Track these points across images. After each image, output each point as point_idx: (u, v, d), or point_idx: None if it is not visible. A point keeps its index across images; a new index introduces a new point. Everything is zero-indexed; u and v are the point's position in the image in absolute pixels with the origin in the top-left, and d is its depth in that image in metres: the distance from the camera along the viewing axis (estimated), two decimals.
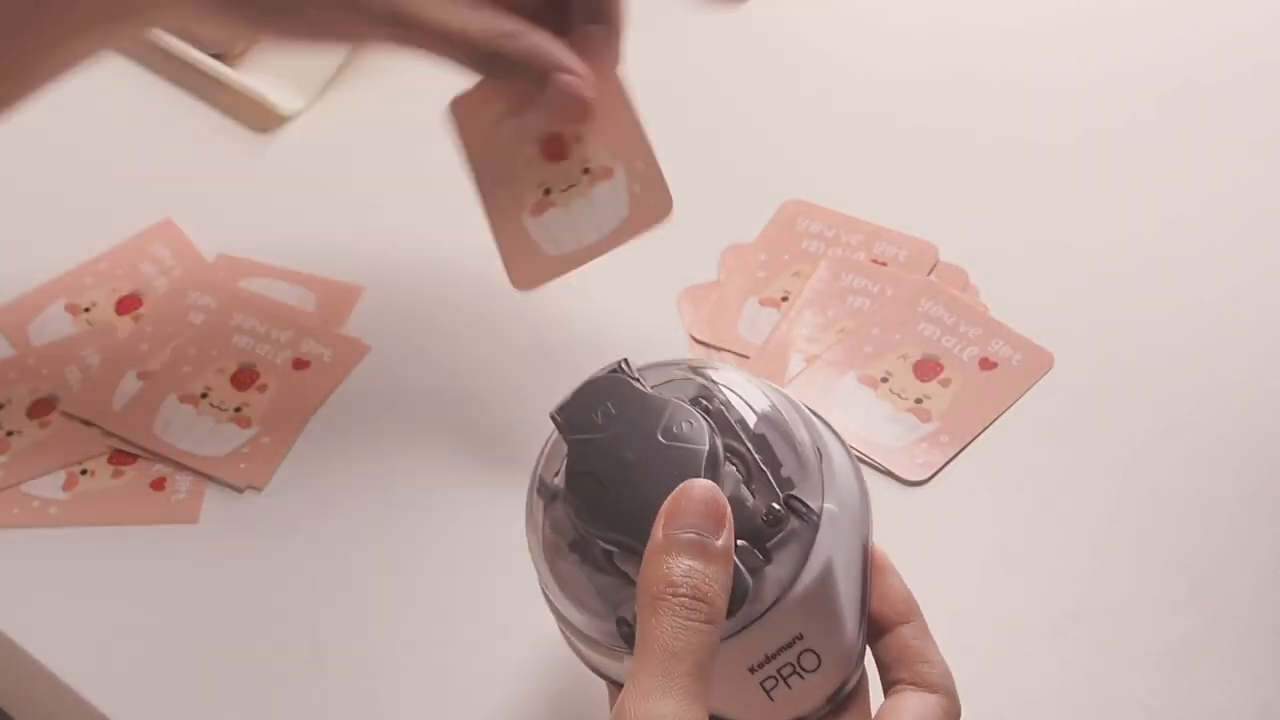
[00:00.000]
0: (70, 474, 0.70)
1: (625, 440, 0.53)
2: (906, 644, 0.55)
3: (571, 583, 0.54)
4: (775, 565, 0.52)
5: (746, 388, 0.55)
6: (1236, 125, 0.83)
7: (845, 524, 0.54)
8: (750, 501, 0.53)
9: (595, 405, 0.54)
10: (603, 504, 0.52)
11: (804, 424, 0.55)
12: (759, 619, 0.52)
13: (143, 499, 0.70)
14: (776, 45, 0.89)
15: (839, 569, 0.53)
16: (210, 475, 0.70)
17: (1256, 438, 0.70)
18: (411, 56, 0.66)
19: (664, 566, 0.50)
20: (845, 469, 0.55)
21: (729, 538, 0.51)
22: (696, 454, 0.52)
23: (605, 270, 0.70)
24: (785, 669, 0.53)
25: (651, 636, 0.49)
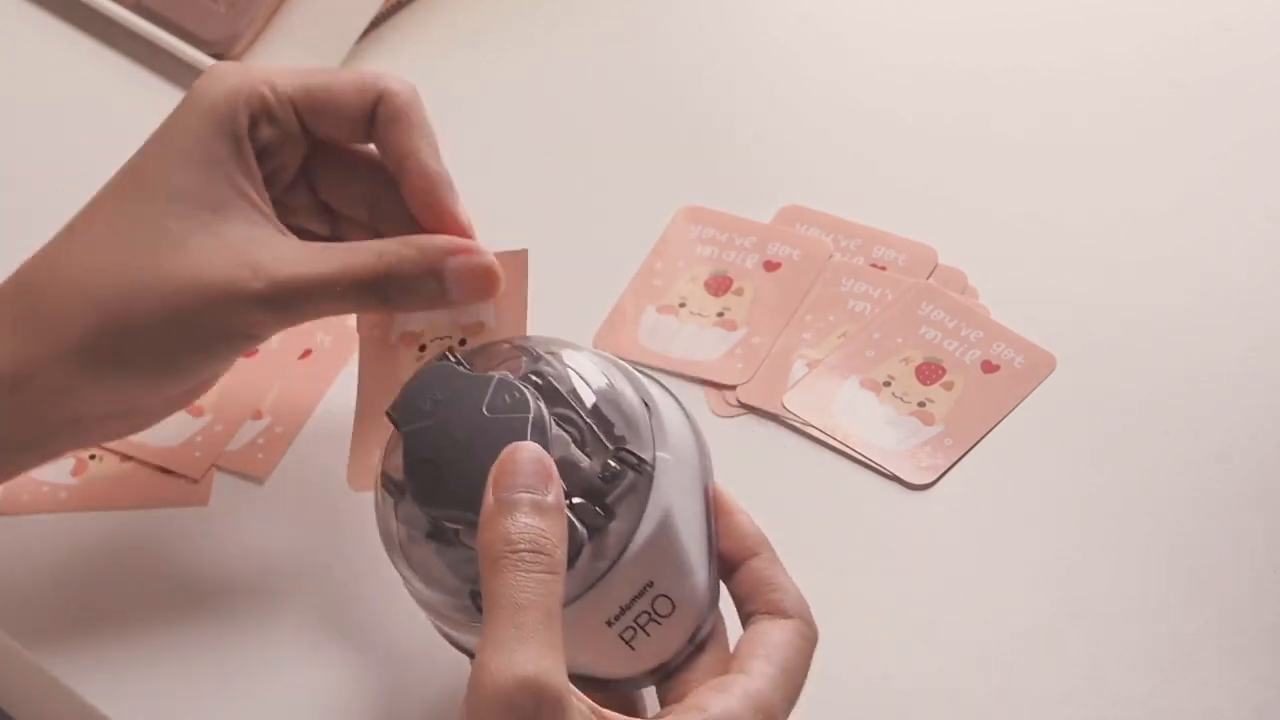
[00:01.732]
0: (79, 459, 0.71)
1: (454, 422, 0.55)
2: (757, 575, 0.57)
3: (427, 568, 0.56)
4: (618, 520, 0.54)
5: (574, 357, 0.58)
6: (1239, 126, 0.83)
7: (681, 471, 0.56)
8: (585, 463, 0.55)
9: (424, 395, 0.55)
10: (440, 486, 0.54)
11: (630, 383, 0.57)
12: (608, 572, 0.54)
13: (151, 482, 0.70)
14: (774, 51, 0.89)
15: (679, 513, 0.55)
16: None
17: (1258, 438, 0.70)
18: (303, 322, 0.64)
19: (500, 527, 0.51)
20: (676, 420, 0.57)
21: (558, 492, 0.52)
22: (521, 421, 0.54)
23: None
24: (641, 617, 0.54)
25: (497, 594, 0.50)
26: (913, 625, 0.65)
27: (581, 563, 0.54)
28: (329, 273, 0.61)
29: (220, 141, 0.62)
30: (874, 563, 0.67)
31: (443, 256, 0.62)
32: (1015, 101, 0.85)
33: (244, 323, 0.61)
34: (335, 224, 0.67)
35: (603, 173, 0.83)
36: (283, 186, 0.65)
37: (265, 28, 0.87)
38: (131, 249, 0.61)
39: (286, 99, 0.63)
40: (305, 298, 0.61)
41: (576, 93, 0.87)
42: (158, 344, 0.61)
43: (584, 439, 0.56)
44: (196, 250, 0.60)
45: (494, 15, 0.90)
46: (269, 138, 0.63)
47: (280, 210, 0.65)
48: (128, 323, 0.60)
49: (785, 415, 0.71)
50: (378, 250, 0.62)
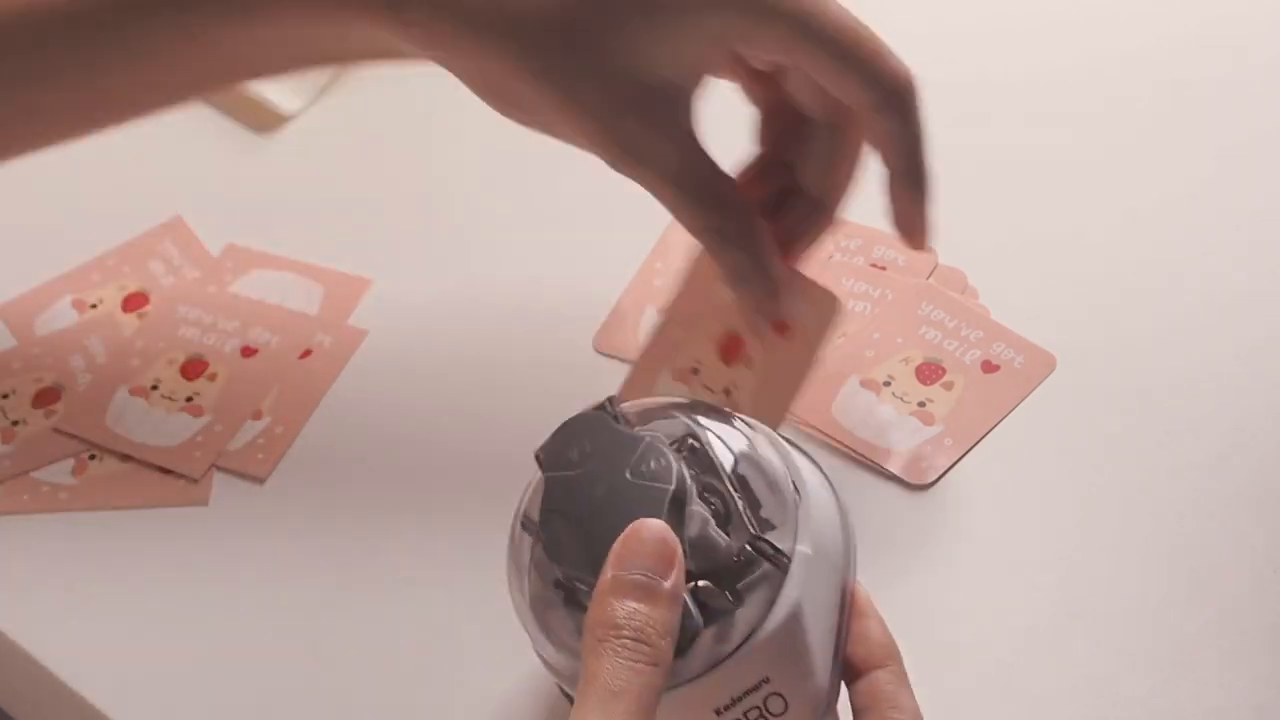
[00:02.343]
0: (80, 459, 0.71)
1: (596, 478, 0.53)
2: (880, 689, 0.54)
3: (548, 618, 0.55)
4: (745, 607, 0.52)
5: (730, 428, 0.56)
6: (1239, 126, 0.83)
7: (820, 567, 0.54)
8: (723, 542, 0.53)
9: (573, 443, 0.54)
10: (571, 541, 0.53)
11: (786, 464, 0.55)
12: (725, 660, 0.52)
13: (151, 482, 0.70)
14: None
15: (809, 612, 0.53)
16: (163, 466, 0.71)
17: (1259, 438, 0.70)
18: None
19: (608, 608, 0.50)
20: (825, 511, 0.55)
21: (678, 579, 0.51)
22: (661, 492, 0.52)
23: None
24: (751, 712, 0.53)
25: (592, 676, 0.49)
26: (912, 625, 0.65)
27: (702, 645, 0.52)
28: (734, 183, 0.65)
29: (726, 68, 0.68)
30: (874, 563, 0.67)
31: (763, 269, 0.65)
32: (1015, 101, 0.85)
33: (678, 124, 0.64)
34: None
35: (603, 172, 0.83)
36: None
37: None
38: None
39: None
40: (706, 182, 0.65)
41: None
42: None
43: (727, 515, 0.53)
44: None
45: None
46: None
47: None
48: None
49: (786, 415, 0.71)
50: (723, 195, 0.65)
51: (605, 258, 0.78)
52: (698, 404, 0.57)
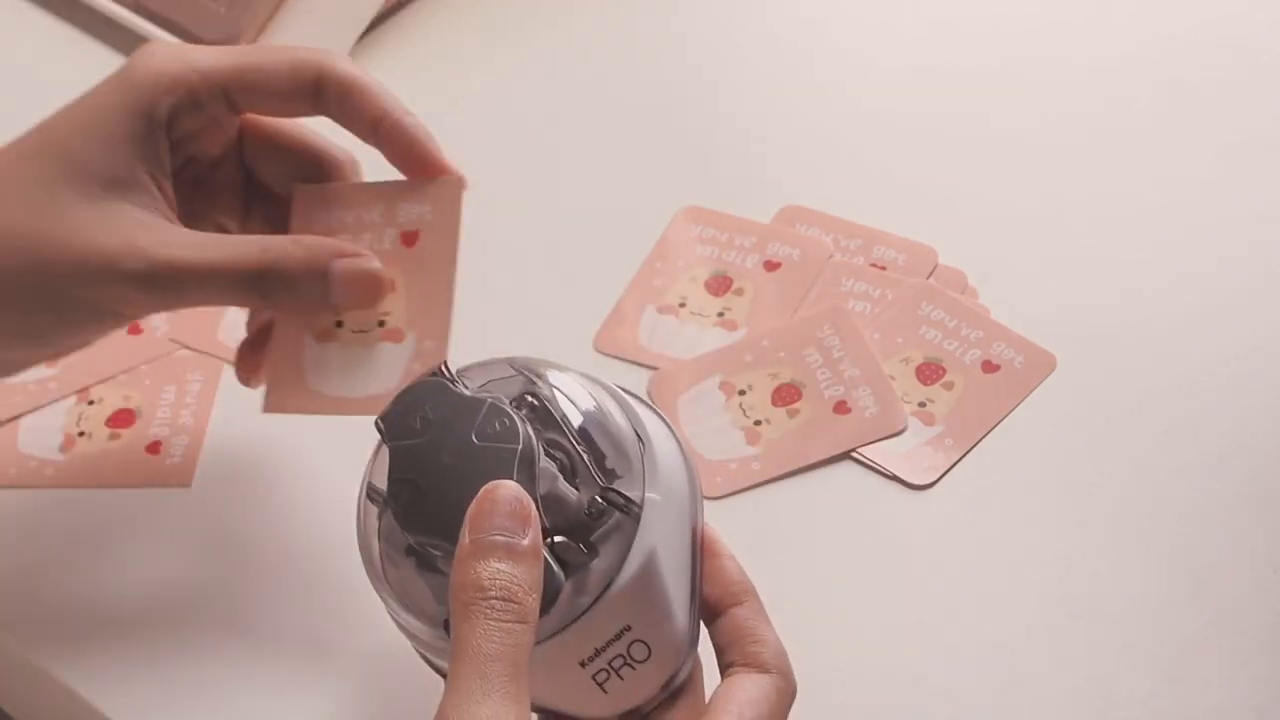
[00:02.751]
0: (68, 435, 0.71)
1: (442, 443, 0.53)
2: (739, 625, 0.55)
3: (405, 587, 0.55)
4: (600, 558, 0.53)
5: (570, 383, 0.56)
6: (1239, 126, 0.83)
7: (669, 513, 0.54)
8: (573, 497, 0.53)
9: (415, 410, 0.54)
10: (422, 509, 0.53)
11: (627, 415, 0.55)
12: (585, 612, 0.52)
13: (137, 462, 0.71)
14: (775, 51, 0.89)
15: (664, 557, 0.53)
16: None
17: (1259, 438, 0.70)
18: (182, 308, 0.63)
19: (472, 571, 0.50)
20: (671, 458, 0.56)
21: (536, 536, 0.51)
22: (509, 452, 0.52)
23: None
24: (616, 660, 0.53)
25: (465, 641, 0.49)
26: (913, 625, 0.65)
27: (560, 599, 0.52)
28: (210, 260, 0.60)
29: (132, 121, 0.61)
30: (875, 563, 0.67)
31: (329, 258, 0.61)
32: (1015, 101, 0.85)
33: (112, 299, 0.60)
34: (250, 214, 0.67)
35: (603, 173, 0.83)
36: (208, 163, 0.65)
37: (265, 28, 0.87)
38: (16, 206, 0.60)
39: (216, 84, 0.62)
40: (182, 283, 0.60)
41: (576, 93, 0.87)
42: (21, 304, 0.60)
43: (574, 469, 0.54)
44: (79, 220, 0.60)
45: (494, 15, 0.90)
46: (192, 125, 0.63)
47: (199, 191, 0.65)
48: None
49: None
50: (263, 244, 0.61)
51: (605, 258, 0.78)
52: (532, 360, 0.57)
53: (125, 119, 0.61)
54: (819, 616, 0.57)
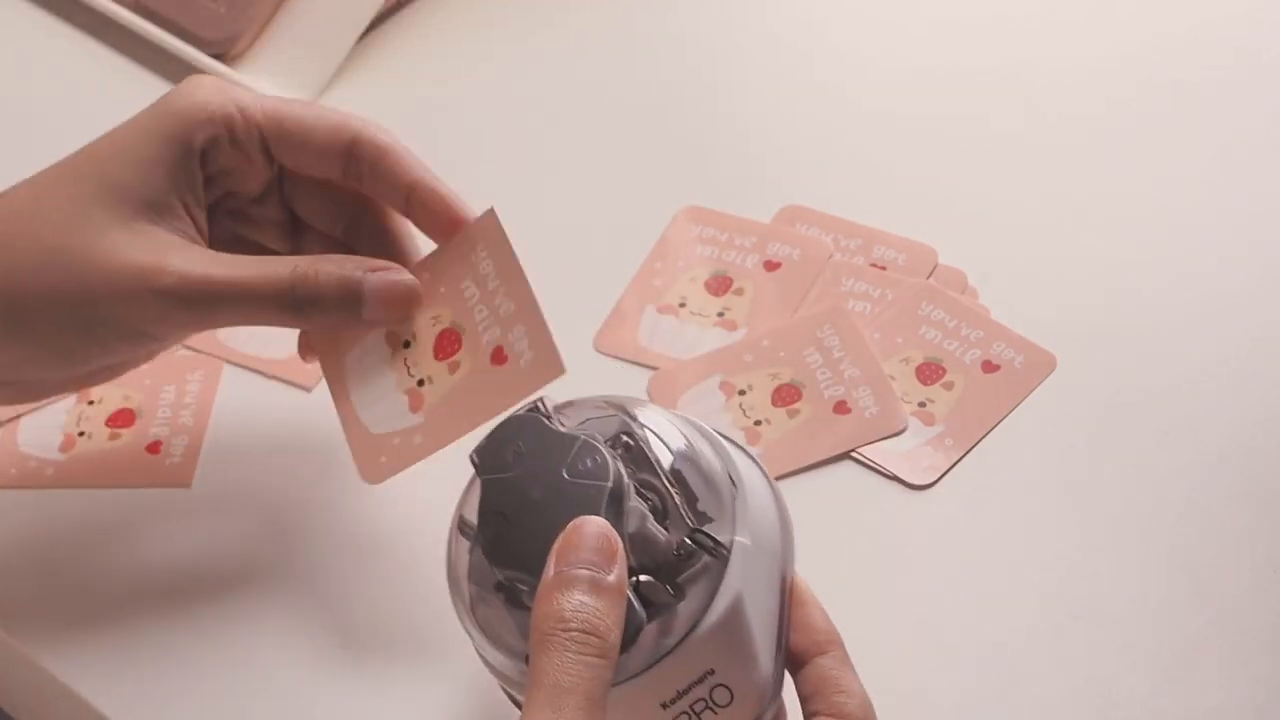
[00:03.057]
0: (68, 434, 0.71)
1: (532, 478, 0.53)
2: (824, 675, 0.55)
3: (490, 621, 0.55)
4: (687, 601, 0.52)
5: (665, 423, 0.56)
6: (1239, 126, 0.83)
7: (758, 557, 0.54)
8: (662, 538, 0.53)
9: (508, 444, 0.54)
10: (509, 542, 0.53)
11: (720, 458, 0.55)
12: (669, 654, 0.52)
13: (137, 462, 0.71)
14: (775, 51, 0.89)
15: (750, 602, 0.53)
16: None
17: (1259, 438, 0.70)
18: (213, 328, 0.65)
19: (554, 603, 0.50)
20: (762, 501, 0.56)
21: (621, 572, 0.51)
22: (599, 490, 0.52)
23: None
24: (698, 704, 0.53)
25: (541, 672, 0.49)
26: (913, 625, 0.65)
27: (645, 640, 0.52)
28: (242, 277, 0.61)
29: (168, 148, 0.62)
30: (875, 563, 0.67)
31: (361, 272, 0.62)
32: (1015, 101, 0.85)
33: (145, 317, 0.61)
34: (298, 243, 0.67)
35: (603, 173, 0.83)
36: (248, 199, 0.66)
37: (265, 28, 0.87)
38: (51, 224, 0.61)
39: (254, 125, 0.63)
40: (214, 300, 0.61)
41: (576, 93, 0.87)
42: (55, 322, 0.61)
43: (665, 510, 0.54)
44: (113, 239, 0.60)
45: (493, 15, 0.90)
46: (227, 161, 0.63)
47: (243, 223, 0.66)
48: (31, 294, 0.60)
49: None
50: (293, 262, 0.61)
51: (605, 258, 0.78)
52: (631, 400, 0.57)
53: (162, 146, 0.62)
54: None
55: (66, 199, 0.61)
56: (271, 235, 0.67)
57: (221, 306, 0.61)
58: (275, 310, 0.62)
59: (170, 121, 0.62)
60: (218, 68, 0.85)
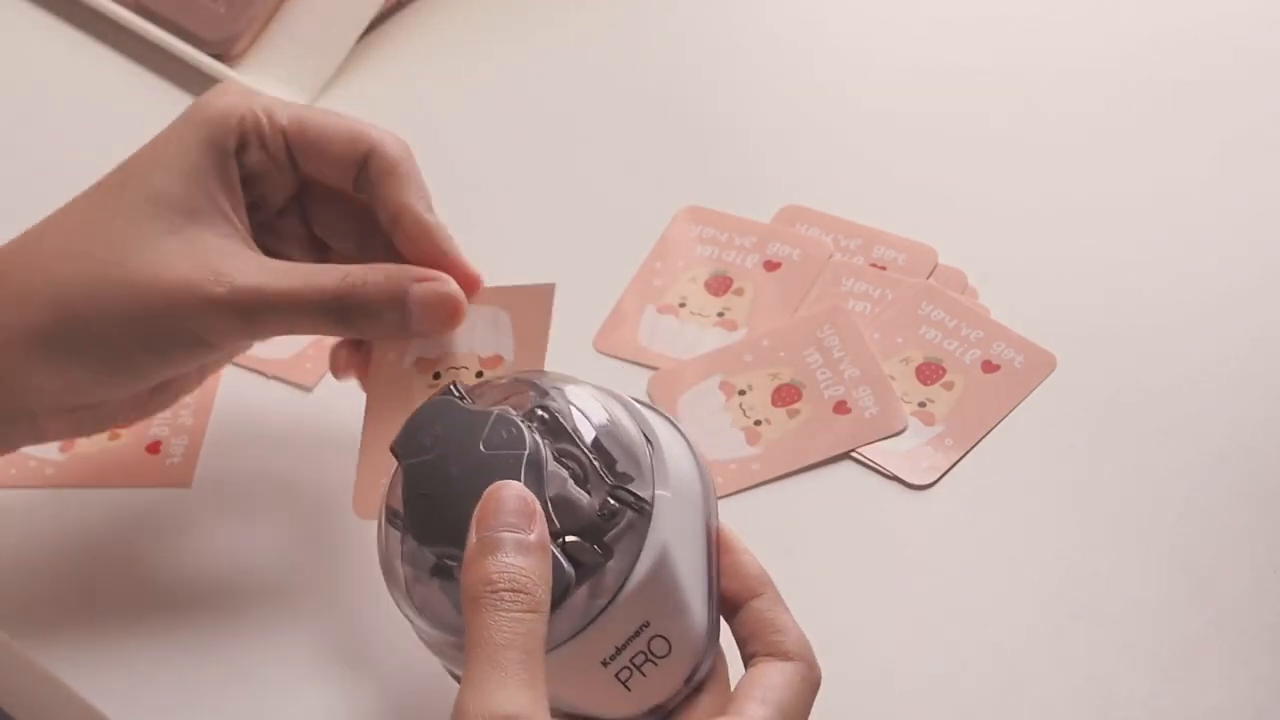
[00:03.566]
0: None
1: (452, 457, 0.54)
2: (759, 616, 0.56)
3: (429, 602, 0.56)
4: (616, 559, 0.53)
5: (578, 393, 0.57)
6: (1239, 125, 0.83)
7: (681, 509, 0.55)
8: (585, 500, 0.54)
9: (425, 429, 0.55)
10: (435, 522, 0.54)
11: (634, 418, 0.57)
12: (603, 612, 0.53)
13: (137, 462, 0.71)
14: (775, 51, 0.89)
15: (677, 553, 0.54)
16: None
17: (1259, 438, 0.70)
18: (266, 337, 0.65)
19: (481, 568, 0.51)
20: (680, 457, 0.57)
21: (542, 530, 0.52)
22: (515, 458, 0.53)
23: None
24: (638, 658, 0.54)
25: (476, 633, 0.50)
26: (913, 625, 0.65)
27: (578, 601, 0.53)
28: (292, 287, 0.61)
29: (206, 154, 0.63)
30: (875, 563, 0.67)
31: (408, 283, 0.62)
32: (1015, 101, 0.85)
33: (201, 326, 0.61)
34: (324, 257, 0.68)
35: (603, 173, 0.83)
36: (273, 211, 0.66)
37: (265, 28, 0.87)
38: (102, 242, 0.61)
39: (279, 129, 0.64)
40: (266, 308, 0.61)
41: (576, 93, 0.87)
42: (113, 337, 0.61)
43: (585, 475, 0.55)
44: (164, 251, 0.61)
45: (493, 15, 0.90)
46: (257, 163, 0.64)
47: (270, 235, 0.66)
48: (87, 313, 0.61)
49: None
50: (343, 271, 0.62)
51: (605, 258, 0.78)
52: (541, 374, 0.58)
53: (200, 152, 0.63)
54: (819, 617, 0.57)
55: (115, 216, 0.62)
56: (296, 249, 0.67)
57: (271, 316, 0.62)
58: (323, 319, 0.62)
59: (205, 128, 0.63)
60: (218, 68, 0.85)
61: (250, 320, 0.62)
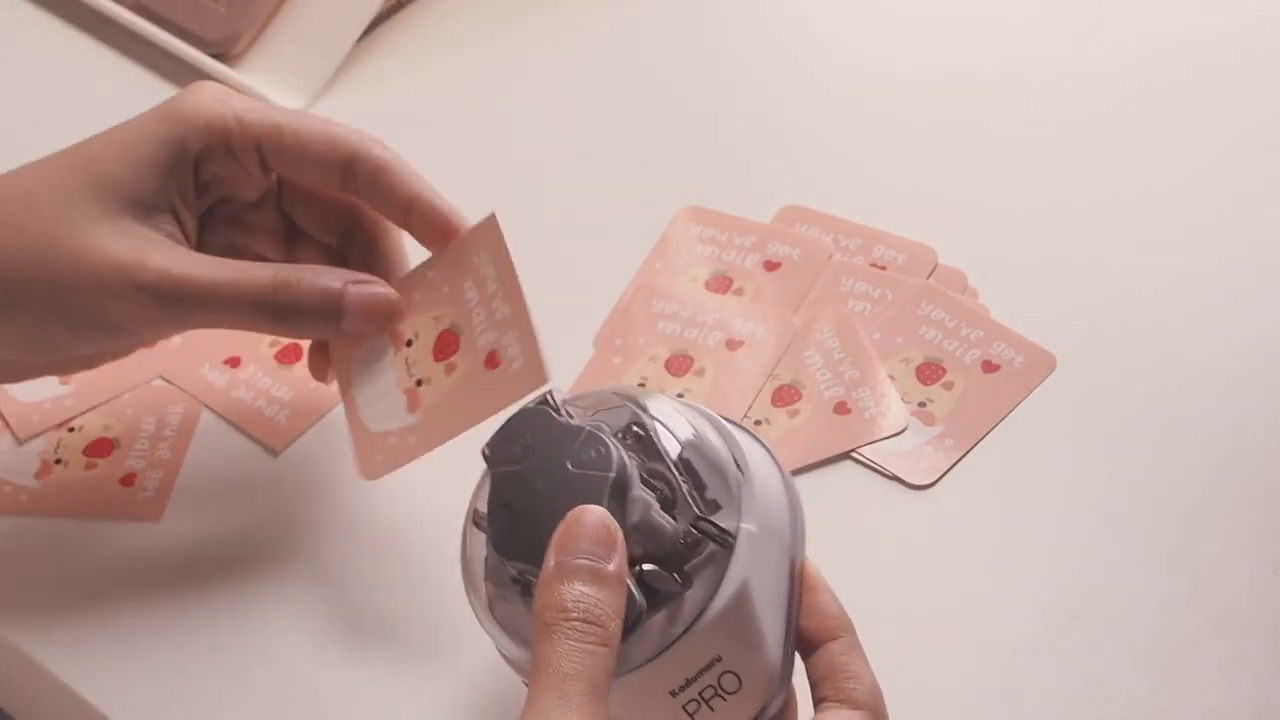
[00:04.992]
0: (45, 462, 0.71)
1: (539, 470, 0.54)
2: (834, 660, 0.55)
3: (506, 614, 0.55)
4: (695, 589, 0.53)
5: (674, 413, 0.56)
6: (1240, 125, 0.83)
7: (765, 543, 0.54)
8: (669, 526, 0.53)
9: (516, 438, 0.55)
10: (516, 535, 0.53)
11: (728, 446, 0.56)
12: (676, 642, 0.52)
13: (110, 493, 0.70)
14: (775, 51, 0.89)
15: (757, 589, 0.53)
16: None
17: (1259, 438, 0.70)
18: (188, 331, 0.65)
19: (555, 593, 0.51)
20: (771, 489, 0.56)
21: (620, 560, 0.51)
22: (601, 480, 0.53)
23: None
24: (706, 691, 0.53)
25: (545, 661, 0.50)
26: (913, 625, 0.65)
27: (653, 628, 0.52)
28: (221, 278, 0.61)
29: (164, 149, 0.63)
30: (875, 563, 0.67)
31: (342, 284, 0.62)
32: (1015, 101, 0.85)
33: (123, 312, 0.61)
34: (293, 251, 0.68)
35: (603, 173, 0.83)
36: (245, 206, 0.66)
37: (265, 28, 0.87)
38: (36, 214, 0.61)
39: (251, 136, 0.64)
40: (192, 299, 0.61)
41: (576, 93, 0.87)
42: (33, 309, 0.61)
43: (674, 499, 0.54)
44: (96, 232, 0.61)
45: (493, 16, 0.90)
46: (221, 170, 0.64)
47: (239, 229, 0.66)
48: (11, 280, 0.61)
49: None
50: (274, 269, 0.62)
51: (605, 257, 0.78)
52: (642, 392, 0.57)
53: (157, 147, 0.62)
54: None
55: (56, 189, 0.62)
56: (267, 243, 0.67)
57: (200, 307, 0.61)
58: (254, 315, 0.62)
59: (168, 125, 0.63)
60: (218, 68, 0.85)
61: (175, 309, 0.61)
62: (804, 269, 0.77)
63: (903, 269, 0.77)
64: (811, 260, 0.77)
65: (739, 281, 0.77)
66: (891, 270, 0.77)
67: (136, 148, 0.62)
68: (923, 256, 0.77)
